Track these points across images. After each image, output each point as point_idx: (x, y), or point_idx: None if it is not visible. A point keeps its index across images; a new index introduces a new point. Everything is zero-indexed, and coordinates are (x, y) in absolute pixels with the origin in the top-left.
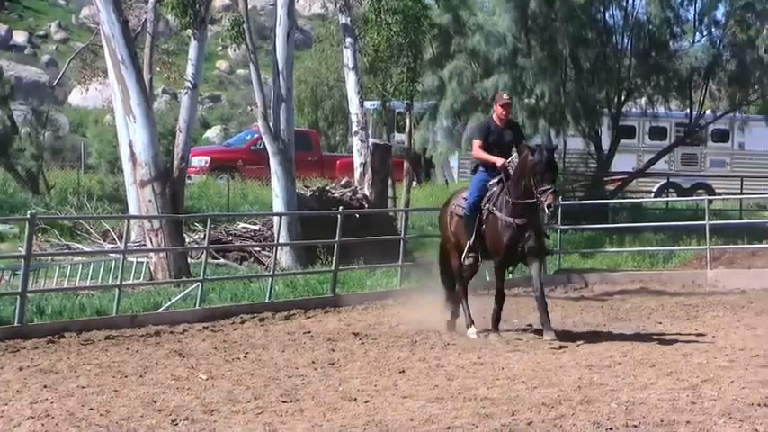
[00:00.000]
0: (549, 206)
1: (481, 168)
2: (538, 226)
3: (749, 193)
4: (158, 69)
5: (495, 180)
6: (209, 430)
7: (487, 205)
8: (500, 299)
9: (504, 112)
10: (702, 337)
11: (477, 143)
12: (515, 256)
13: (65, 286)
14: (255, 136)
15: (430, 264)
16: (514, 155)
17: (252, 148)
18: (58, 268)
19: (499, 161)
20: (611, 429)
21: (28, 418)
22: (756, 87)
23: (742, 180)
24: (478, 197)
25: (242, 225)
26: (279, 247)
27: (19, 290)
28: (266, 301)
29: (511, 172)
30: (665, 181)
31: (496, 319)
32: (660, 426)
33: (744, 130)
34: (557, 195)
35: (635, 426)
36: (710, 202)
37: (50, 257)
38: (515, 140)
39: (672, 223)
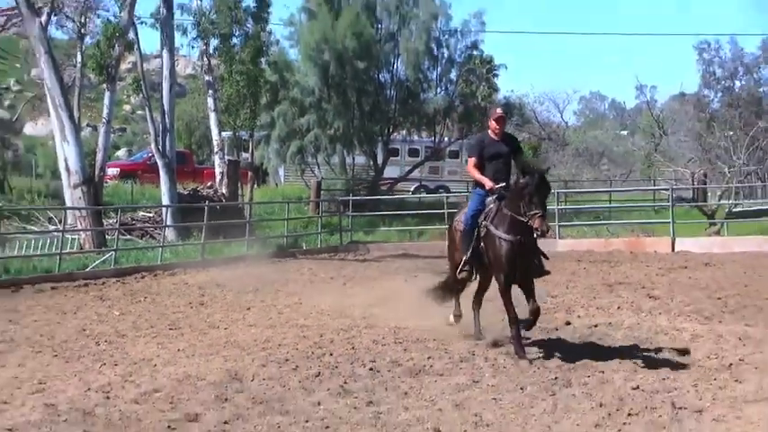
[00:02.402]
0: (536, 229)
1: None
2: (533, 245)
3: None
4: (84, 110)
5: (493, 197)
6: (121, 348)
7: (485, 222)
8: (514, 323)
9: (497, 126)
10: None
11: (471, 161)
12: (516, 274)
13: (23, 254)
14: (150, 154)
15: (266, 238)
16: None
17: (148, 162)
18: (17, 242)
19: (489, 184)
20: (384, 345)
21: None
22: (477, 123)
23: (467, 183)
24: (476, 212)
25: (141, 213)
26: (166, 228)
27: None
28: (158, 263)
29: (504, 193)
30: (418, 184)
31: (519, 344)
32: (417, 342)
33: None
34: (544, 220)
35: (400, 342)
36: (448, 197)
37: (17, 233)
38: (512, 153)
39: (423, 211)
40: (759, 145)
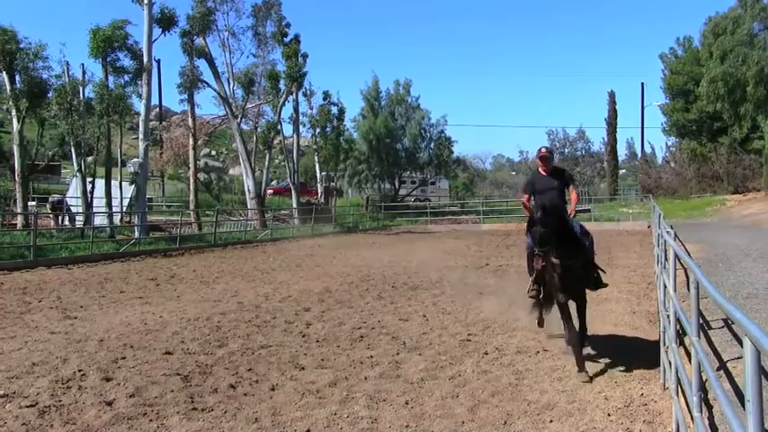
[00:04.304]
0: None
1: None
2: (581, 265)
3: (439, 201)
4: (256, 162)
5: None
6: (272, 275)
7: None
8: (572, 341)
9: (542, 164)
10: (429, 245)
11: (524, 197)
12: (565, 290)
13: (227, 230)
14: (287, 183)
15: (342, 224)
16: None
17: (286, 187)
18: (225, 224)
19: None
20: (399, 275)
21: (217, 271)
22: (442, 169)
23: (439, 197)
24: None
25: (283, 211)
26: (294, 218)
27: (213, 230)
28: (290, 235)
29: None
30: (415, 197)
31: (578, 358)
32: (415, 273)
33: (440, 180)
34: (546, 256)
35: (407, 274)
36: (429, 203)
37: (225, 220)
38: (562, 184)
39: (416, 210)
40: (579, 180)
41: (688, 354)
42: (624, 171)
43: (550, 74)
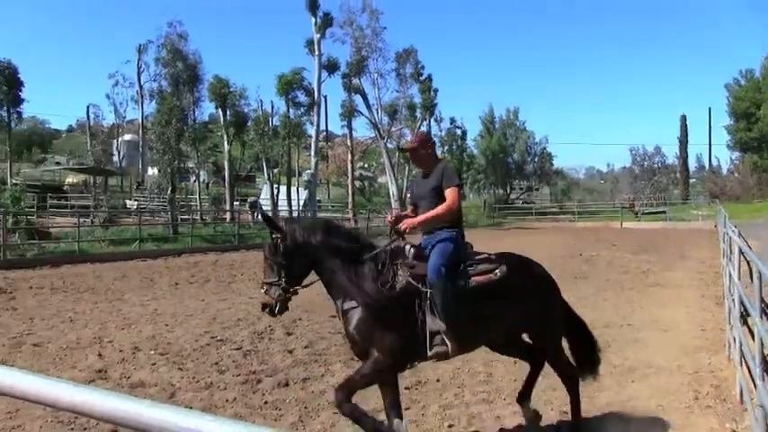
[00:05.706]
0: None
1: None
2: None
3: (542, 204)
4: (398, 172)
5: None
6: None
7: None
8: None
9: (413, 161)
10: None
11: (409, 209)
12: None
13: (377, 225)
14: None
15: (468, 221)
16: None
17: None
18: (375, 219)
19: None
20: None
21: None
22: (545, 179)
23: (542, 201)
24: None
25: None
26: None
27: (366, 225)
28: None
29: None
30: (521, 202)
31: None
32: None
33: (543, 187)
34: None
35: None
36: (534, 205)
37: (375, 216)
38: (438, 186)
39: (523, 211)
40: (656, 187)
41: (750, 332)
42: (694, 180)
43: (634, 98)
